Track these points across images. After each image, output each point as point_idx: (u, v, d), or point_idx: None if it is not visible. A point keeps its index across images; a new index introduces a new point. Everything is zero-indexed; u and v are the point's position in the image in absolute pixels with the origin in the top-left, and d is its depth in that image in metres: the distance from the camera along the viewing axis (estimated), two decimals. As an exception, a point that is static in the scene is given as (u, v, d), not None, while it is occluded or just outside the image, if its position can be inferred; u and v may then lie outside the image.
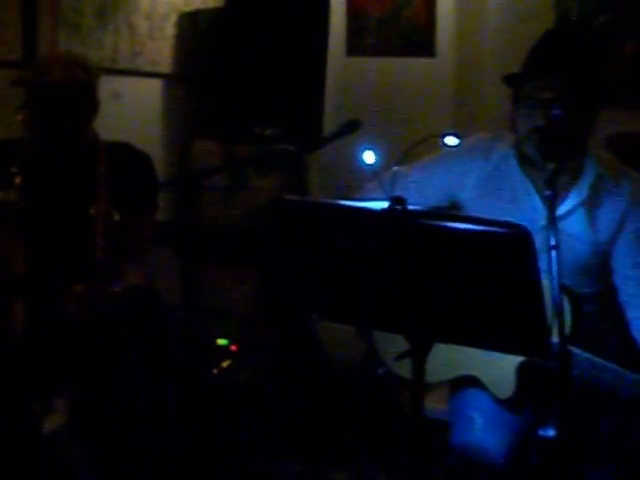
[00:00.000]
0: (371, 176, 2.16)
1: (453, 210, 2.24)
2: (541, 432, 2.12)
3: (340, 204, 1.78)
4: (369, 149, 1.98)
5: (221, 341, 3.41)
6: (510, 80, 2.17)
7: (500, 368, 2.10)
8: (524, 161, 2.19)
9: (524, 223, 1.55)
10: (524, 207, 2.18)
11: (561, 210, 2.11)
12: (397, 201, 1.62)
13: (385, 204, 1.63)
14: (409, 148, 2.02)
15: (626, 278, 2.17)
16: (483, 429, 2.12)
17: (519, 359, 2.09)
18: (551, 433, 2.06)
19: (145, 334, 2.47)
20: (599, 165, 2.17)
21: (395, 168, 2.01)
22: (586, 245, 2.17)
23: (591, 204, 2.16)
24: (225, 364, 3.33)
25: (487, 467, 2.07)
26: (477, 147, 2.26)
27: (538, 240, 1.57)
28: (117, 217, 2.45)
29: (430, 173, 2.29)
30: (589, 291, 2.18)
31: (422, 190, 2.25)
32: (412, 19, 4.52)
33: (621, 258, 2.17)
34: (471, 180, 2.23)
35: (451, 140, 2.11)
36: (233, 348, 3.40)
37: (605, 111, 2.16)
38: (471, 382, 2.18)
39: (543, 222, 2.02)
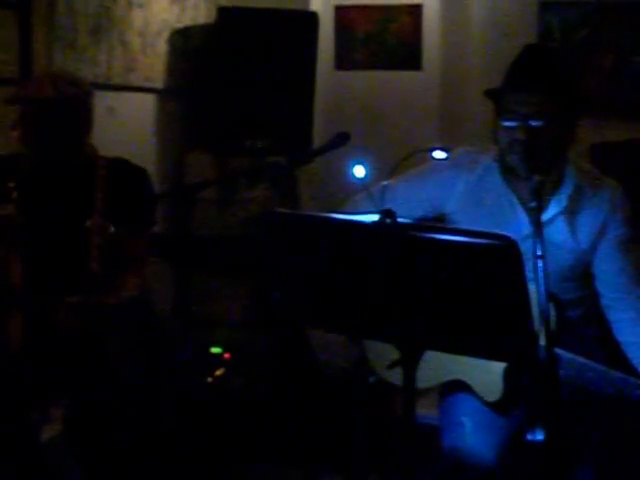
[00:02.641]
0: (361, 189, 2.20)
1: (439, 221, 2.29)
2: (530, 436, 2.18)
3: (331, 217, 1.81)
4: (359, 163, 2.00)
5: (215, 349, 3.44)
6: (491, 94, 2.20)
7: (487, 372, 2.13)
8: (507, 172, 2.23)
9: (508, 233, 1.59)
10: (507, 217, 2.22)
11: (542, 219, 2.15)
12: (387, 214, 1.66)
13: (375, 217, 1.67)
14: (398, 162, 2.05)
15: (608, 283, 2.22)
16: (473, 433, 2.14)
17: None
18: (540, 437, 2.13)
19: (137, 345, 2.50)
20: (578, 175, 2.22)
21: (384, 182, 2.05)
22: (567, 252, 2.20)
23: (571, 212, 2.20)
24: (219, 372, 3.36)
25: (477, 470, 2.09)
26: (461, 159, 2.29)
27: (522, 249, 1.60)
28: (112, 230, 2.48)
29: (416, 185, 2.33)
30: (572, 297, 2.23)
31: (409, 202, 2.28)
32: (399, 33, 4.57)
33: (603, 264, 2.21)
34: (456, 191, 2.27)
35: (439, 154, 2.15)
36: (227, 356, 3.43)
37: (587, 121, 2.21)
38: (460, 386, 2.21)
39: (526, 231, 2.07)
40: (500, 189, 2.25)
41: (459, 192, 2.28)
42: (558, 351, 1.97)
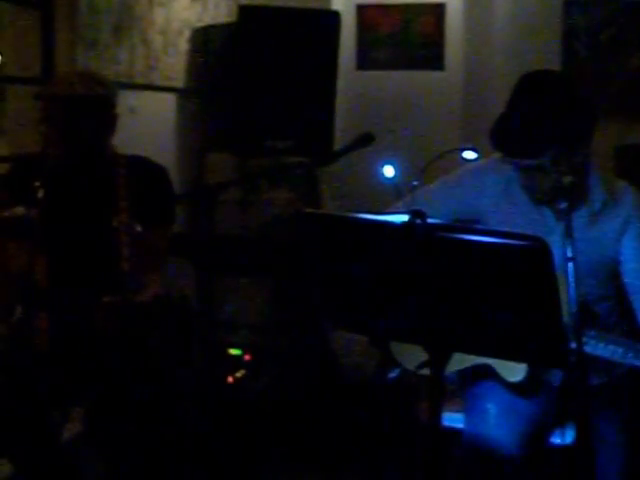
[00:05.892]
0: (390, 189, 2.20)
1: (474, 223, 2.29)
2: (559, 439, 2.17)
3: (361, 217, 1.80)
4: (389, 163, 2.00)
5: (235, 351, 3.44)
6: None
7: None
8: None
9: (536, 231, 1.61)
10: (535, 218, 2.24)
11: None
12: (417, 215, 1.66)
13: (405, 217, 1.66)
14: (428, 163, 2.05)
15: (634, 273, 2.22)
16: (497, 419, 2.15)
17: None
18: (569, 440, 2.12)
19: (172, 342, 2.51)
20: (601, 181, 2.24)
21: (415, 183, 2.05)
22: (586, 246, 2.21)
23: (595, 215, 2.23)
24: (239, 374, 3.36)
25: (500, 457, 2.09)
26: (490, 164, 2.32)
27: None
28: (139, 228, 2.49)
29: (452, 188, 2.36)
30: (594, 294, 2.22)
31: (445, 205, 2.31)
32: (421, 33, 4.57)
33: (629, 257, 2.23)
34: (487, 194, 2.30)
35: (469, 154, 2.15)
36: (247, 358, 3.43)
37: (612, 124, 2.19)
38: (485, 373, 2.21)
39: (552, 229, 2.12)
40: (526, 189, 2.26)
41: (489, 195, 2.30)
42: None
